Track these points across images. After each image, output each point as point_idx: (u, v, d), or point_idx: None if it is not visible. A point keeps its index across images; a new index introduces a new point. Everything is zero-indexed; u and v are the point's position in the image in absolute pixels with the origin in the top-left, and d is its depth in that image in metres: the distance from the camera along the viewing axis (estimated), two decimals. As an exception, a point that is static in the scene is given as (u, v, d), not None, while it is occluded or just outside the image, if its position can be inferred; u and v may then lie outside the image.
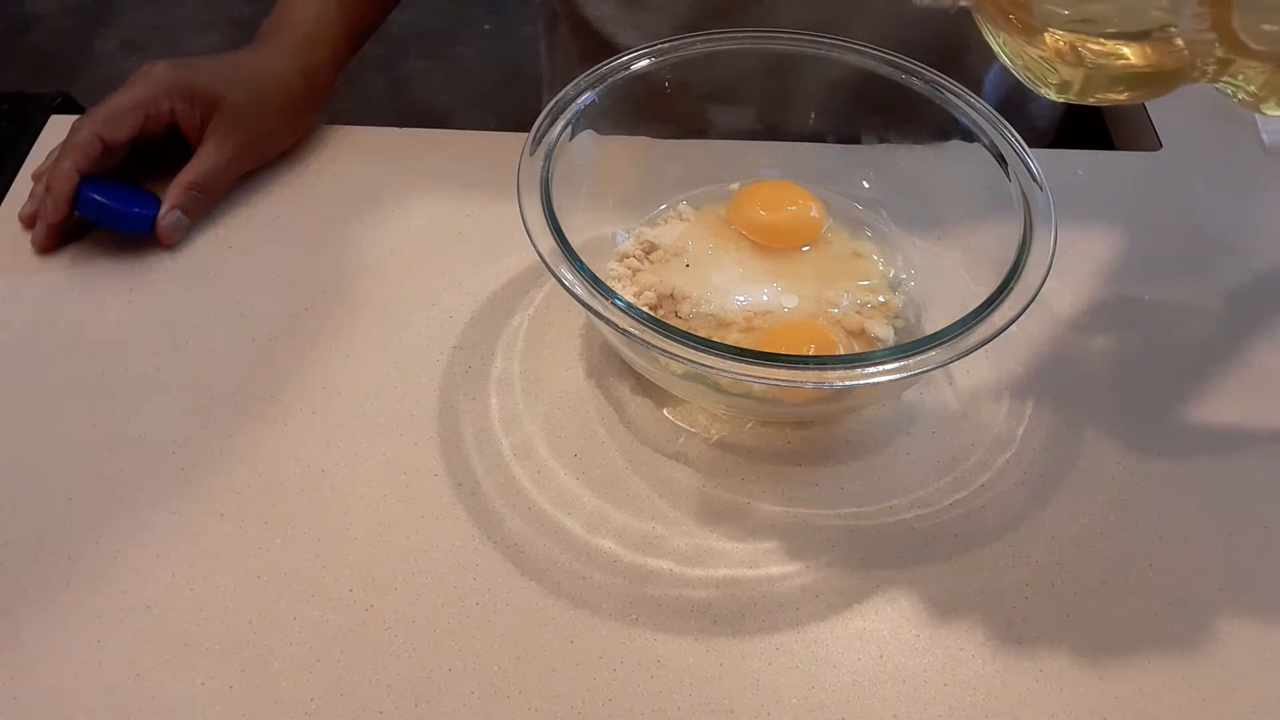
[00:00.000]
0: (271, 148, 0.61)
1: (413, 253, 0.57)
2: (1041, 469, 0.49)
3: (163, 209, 0.56)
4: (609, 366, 0.52)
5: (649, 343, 0.42)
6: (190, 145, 0.58)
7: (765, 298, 0.51)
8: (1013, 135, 0.51)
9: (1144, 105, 0.66)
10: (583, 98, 0.52)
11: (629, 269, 0.52)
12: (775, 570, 0.45)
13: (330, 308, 0.55)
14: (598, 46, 0.68)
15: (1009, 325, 0.43)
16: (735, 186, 0.56)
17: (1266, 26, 0.32)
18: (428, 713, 0.41)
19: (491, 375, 0.51)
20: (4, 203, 0.59)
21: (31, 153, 0.62)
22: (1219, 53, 0.34)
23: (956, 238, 0.53)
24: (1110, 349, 0.54)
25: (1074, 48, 0.36)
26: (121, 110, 0.57)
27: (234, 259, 0.57)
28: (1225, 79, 0.35)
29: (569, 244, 0.45)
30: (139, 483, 0.47)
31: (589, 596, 0.44)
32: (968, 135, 0.52)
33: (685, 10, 0.65)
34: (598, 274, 0.44)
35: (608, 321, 0.42)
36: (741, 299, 0.51)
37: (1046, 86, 0.38)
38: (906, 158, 0.56)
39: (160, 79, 0.58)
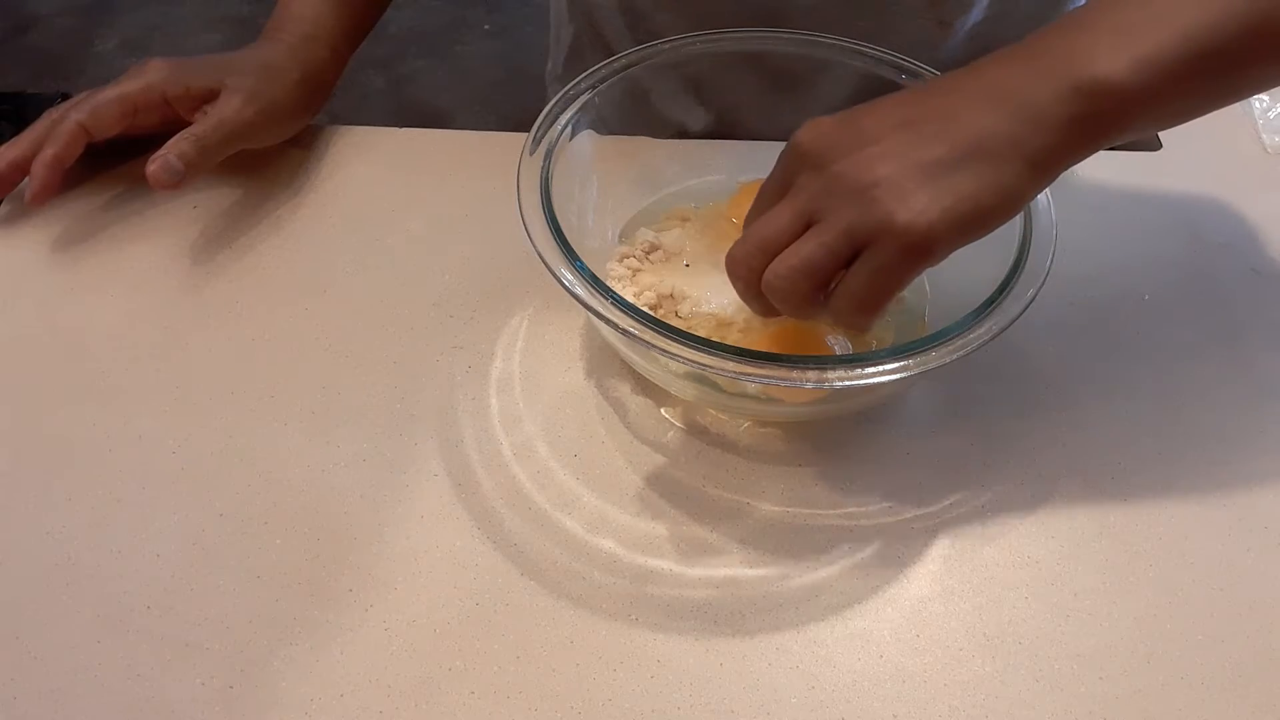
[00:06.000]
0: (273, 129, 0.60)
1: (413, 253, 0.57)
2: (1041, 469, 0.49)
3: (158, 152, 0.54)
4: (609, 366, 0.52)
5: (649, 343, 0.42)
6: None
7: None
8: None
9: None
10: (583, 98, 0.52)
11: (629, 269, 0.52)
12: (775, 570, 0.45)
13: (330, 308, 0.55)
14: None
15: (1009, 325, 0.43)
16: (736, 186, 0.56)
17: None
18: (428, 713, 0.41)
19: (491, 375, 0.51)
20: (4, 202, 0.59)
21: (31, 153, 0.62)
22: None
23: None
24: (1110, 349, 0.54)
25: None
26: (108, 102, 0.57)
27: (234, 259, 0.57)
28: None
29: (569, 244, 0.45)
30: (139, 483, 0.47)
31: (589, 596, 0.44)
32: (968, 135, 0.52)
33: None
34: (598, 274, 0.44)
35: (608, 321, 0.42)
36: (741, 299, 0.51)
37: None
38: (906, 158, 0.56)
39: (153, 71, 0.58)
